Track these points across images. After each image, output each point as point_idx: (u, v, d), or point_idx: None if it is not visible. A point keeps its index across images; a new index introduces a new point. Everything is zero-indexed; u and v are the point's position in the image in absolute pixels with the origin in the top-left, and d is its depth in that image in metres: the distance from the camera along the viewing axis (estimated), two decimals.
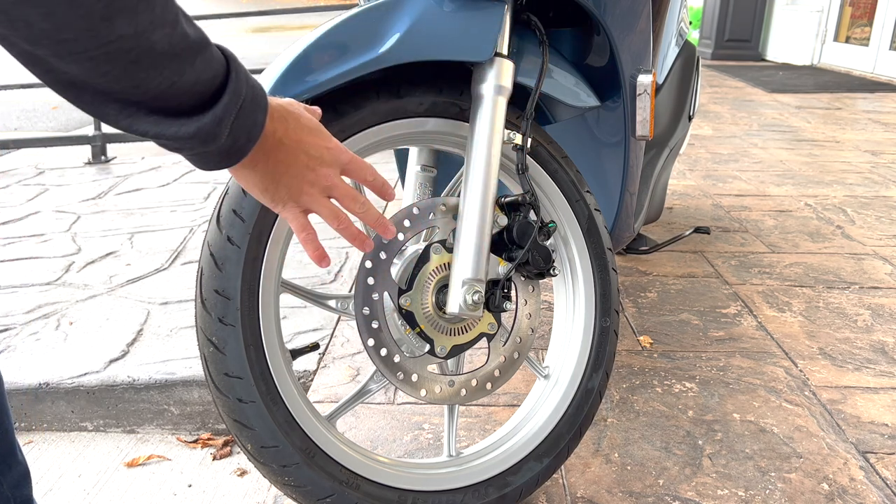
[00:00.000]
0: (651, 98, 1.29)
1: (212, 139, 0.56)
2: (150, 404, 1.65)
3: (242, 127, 0.58)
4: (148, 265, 2.27)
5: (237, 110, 0.57)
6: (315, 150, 0.67)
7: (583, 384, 1.18)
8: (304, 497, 0.97)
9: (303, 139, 0.66)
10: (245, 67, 0.60)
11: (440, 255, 1.04)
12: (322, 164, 0.68)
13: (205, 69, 0.54)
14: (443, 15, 1.02)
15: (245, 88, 0.58)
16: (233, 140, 0.58)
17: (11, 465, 0.87)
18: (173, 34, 0.50)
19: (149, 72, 0.50)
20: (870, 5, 6.55)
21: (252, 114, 0.59)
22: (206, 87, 0.55)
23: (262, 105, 0.61)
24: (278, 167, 0.65)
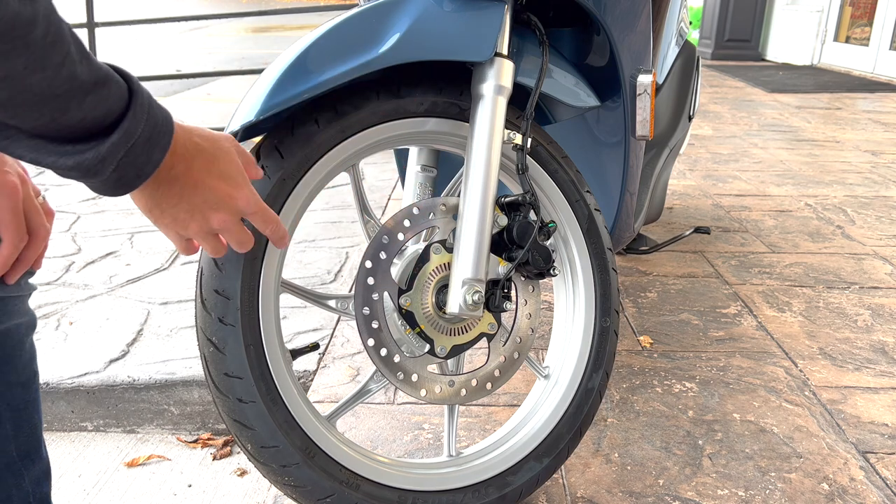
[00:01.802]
0: (651, 98, 1.29)
1: (94, 173, 0.55)
2: (150, 404, 1.65)
3: (132, 164, 0.57)
4: (148, 265, 2.27)
5: (127, 149, 0.56)
6: (217, 196, 0.66)
7: (583, 384, 1.18)
8: (304, 497, 0.97)
9: (205, 182, 0.65)
10: (153, 101, 0.59)
11: (440, 255, 1.04)
12: (219, 210, 0.66)
13: (95, 107, 0.53)
14: (443, 15, 1.02)
15: (142, 127, 0.57)
16: (118, 176, 0.57)
17: (35, 460, 0.87)
18: (56, 77, 0.50)
19: (25, 108, 0.50)
20: (870, 5, 6.55)
21: (146, 152, 0.58)
22: (94, 124, 0.54)
23: (163, 143, 0.59)
24: (167, 199, 0.64)
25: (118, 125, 0.55)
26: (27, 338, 0.83)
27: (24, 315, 0.82)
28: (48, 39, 0.49)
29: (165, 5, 14.87)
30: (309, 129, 0.98)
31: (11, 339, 0.80)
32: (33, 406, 0.85)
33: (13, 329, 0.80)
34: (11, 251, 0.71)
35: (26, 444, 0.85)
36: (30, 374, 0.84)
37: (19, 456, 0.84)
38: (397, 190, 2.99)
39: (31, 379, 0.84)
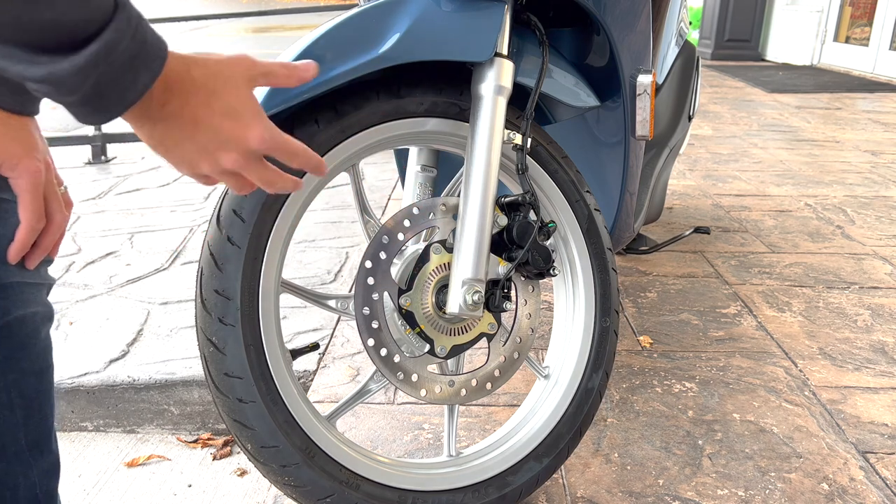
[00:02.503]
0: (651, 98, 1.29)
1: (67, 88, 0.50)
2: (150, 404, 1.65)
3: (114, 83, 0.51)
4: (148, 265, 2.27)
5: (108, 63, 0.50)
6: (223, 135, 0.60)
7: (583, 384, 1.18)
8: (304, 497, 0.97)
9: (207, 120, 0.60)
10: (145, 22, 0.54)
11: (440, 255, 1.04)
12: (228, 150, 0.61)
13: (69, 10, 0.48)
14: (443, 15, 1.02)
15: (127, 41, 0.51)
16: (96, 95, 0.51)
17: (45, 452, 0.86)
18: None
19: None
20: (870, 5, 6.55)
21: (130, 72, 0.52)
22: (69, 29, 0.49)
23: (153, 66, 0.54)
24: (169, 138, 0.59)
25: (98, 36, 0.50)
26: (43, 328, 0.83)
27: (40, 305, 0.82)
28: None
29: (165, 5, 14.88)
30: (309, 129, 0.98)
31: (27, 327, 0.80)
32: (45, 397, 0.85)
33: (29, 317, 0.80)
34: (28, 233, 0.71)
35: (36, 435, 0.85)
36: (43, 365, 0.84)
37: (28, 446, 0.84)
38: (397, 190, 2.99)
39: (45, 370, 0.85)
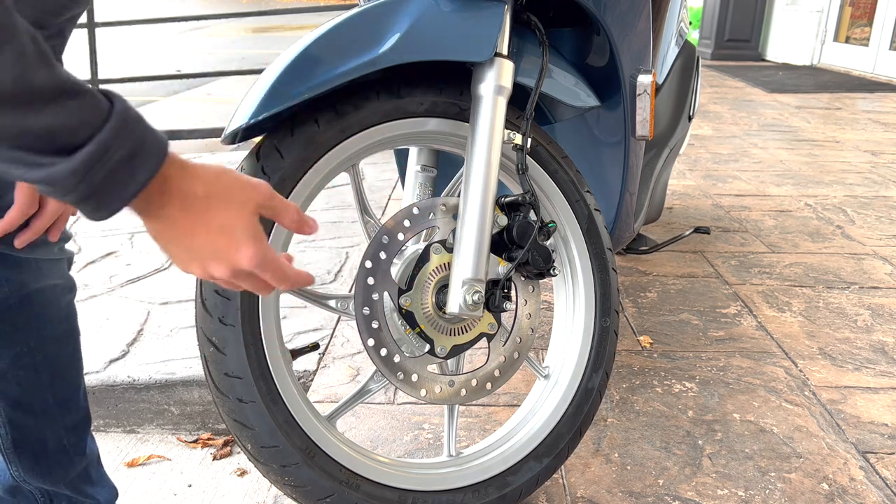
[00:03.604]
0: (651, 98, 1.29)
1: (64, 189, 0.52)
2: (150, 404, 1.65)
3: (108, 183, 0.53)
4: (148, 265, 2.27)
5: (102, 163, 0.52)
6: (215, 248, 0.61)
7: (583, 384, 1.18)
8: (304, 497, 0.97)
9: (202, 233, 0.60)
10: (144, 123, 0.56)
11: (440, 255, 1.04)
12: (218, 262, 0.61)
13: (61, 116, 0.51)
14: (443, 15, 1.02)
15: (119, 143, 0.53)
16: (92, 193, 0.53)
17: (72, 409, 0.94)
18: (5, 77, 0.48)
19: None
20: (870, 5, 6.55)
21: (127, 170, 0.54)
22: (63, 136, 0.51)
23: (149, 164, 0.55)
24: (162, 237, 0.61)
25: (93, 138, 0.52)
26: (63, 299, 0.90)
27: (59, 278, 0.88)
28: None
29: (165, 5, 14.87)
30: (309, 129, 0.98)
31: (45, 297, 0.87)
32: (70, 359, 0.92)
33: (48, 289, 0.86)
34: (18, 216, 0.75)
35: (63, 393, 0.92)
36: (65, 331, 0.91)
37: (56, 403, 0.91)
38: (397, 190, 2.99)
39: (68, 336, 0.92)
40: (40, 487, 0.93)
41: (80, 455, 0.97)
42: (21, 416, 0.89)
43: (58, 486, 0.95)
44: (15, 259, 0.82)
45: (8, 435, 0.89)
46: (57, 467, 0.94)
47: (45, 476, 0.93)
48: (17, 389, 0.88)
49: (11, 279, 0.83)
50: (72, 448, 0.95)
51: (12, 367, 0.87)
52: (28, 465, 0.91)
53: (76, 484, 0.97)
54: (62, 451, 0.94)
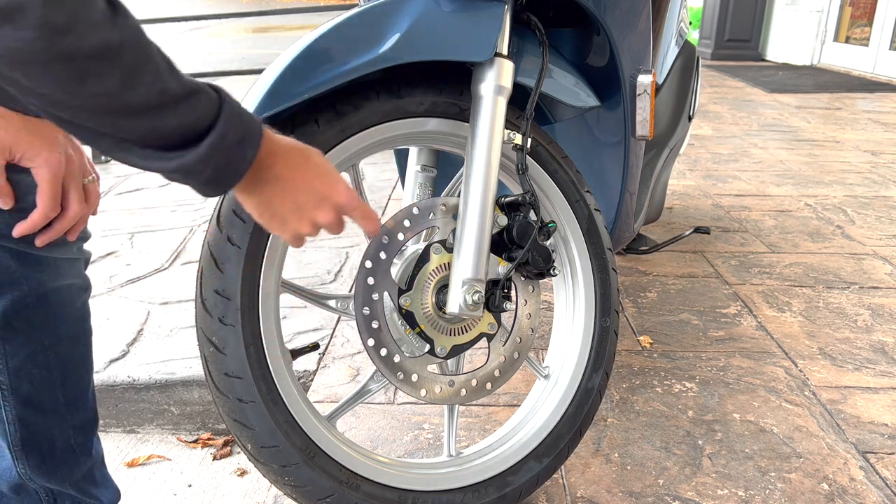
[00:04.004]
0: (651, 98, 1.29)
1: (194, 174, 0.63)
2: (150, 404, 1.65)
3: (228, 164, 0.65)
4: (148, 265, 2.27)
5: (222, 148, 0.63)
6: (317, 192, 0.74)
7: (583, 384, 1.18)
8: (304, 497, 0.97)
9: (305, 179, 0.73)
10: (243, 109, 0.66)
11: (440, 255, 1.04)
12: (321, 207, 0.74)
13: (188, 115, 0.61)
14: (443, 15, 1.02)
15: (233, 129, 0.64)
16: (217, 174, 0.64)
17: (80, 409, 0.95)
18: (148, 93, 0.57)
19: (127, 120, 0.58)
20: (870, 5, 6.55)
21: (240, 150, 0.65)
22: (189, 129, 0.61)
23: (254, 142, 0.67)
24: (274, 199, 0.72)
25: (212, 129, 0.62)
26: (78, 298, 0.92)
27: (76, 277, 0.91)
28: (139, 61, 0.57)
29: (165, 5, 14.88)
30: (309, 129, 0.98)
31: (62, 297, 0.89)
32: (81, 359, 0.94)
33: (64, 288, 0.89)
34: (41, 218, 0.78)
35: (73, 392, 0.94)
36: (79, 331, 0.93)
37: (65, 402, 0.93)
38: (397, 190, 2.99)
39: (81, 335, 0.94)
40: (45, 486, 0.94)
41: (86, 455, 0.98)
42: (31, 413, 0.90)
43: (63, 486, 0.95)
44: (34, 257, 0.84)
45: (17, 432, 0.90)
46: (63, 466, 0.94)
47: (51, 475, 0.93)
48: (28, 387, 0.89)
49: (30, 277, 0.85)
50: (79, 448, 0.96)
51: (26, 365, 0.88)
52: (35, 463, 0.92)
53: (81, 484, 0.98)
54: (69, 451, 0.95)
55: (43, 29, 0.51)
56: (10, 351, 0.86)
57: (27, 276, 0.84)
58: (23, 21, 0.50)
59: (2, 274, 0.83)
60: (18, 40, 0.51)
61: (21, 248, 0.82)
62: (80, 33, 0.53)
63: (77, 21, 0.52)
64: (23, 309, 0.85)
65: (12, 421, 0.89)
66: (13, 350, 0.86)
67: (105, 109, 0.56)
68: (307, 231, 0.75)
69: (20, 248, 0.82)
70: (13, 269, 0.83)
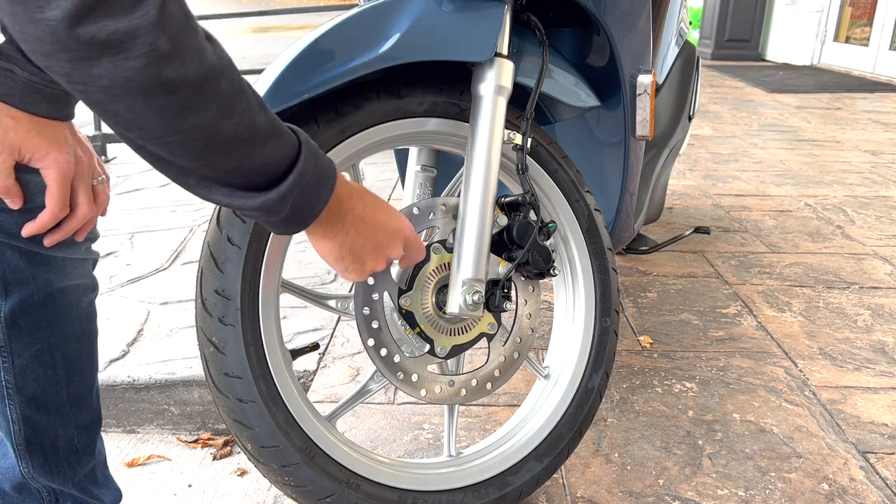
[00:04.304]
0: (651, 98, 1.29)
1: (275, 212, 0.64)
2: (150, 404, 1.65)
3: (305, 203, 0.67)
4: (148, 265, 2.27)
5: (301, 188, 0.65)
6: (390, 229, 0.77)
7: (583, 384, 1.18)
8: (304, 497, 0.97)
9: (378, 218, 0.76)
10: (316, 147, 0.68)
11: (440, 255, 1.04)
12: (394, 243, 0.78)
13: (273, 153, 0.62)
14: (443, 15, 1.02)
15: (312, 169, 0.66)
16: (294, 213, 0.66)
17: (84, 408, 0.96)
18: (241, 123, 0.58)
19: (218, 155, 0.59)
20: (870, 5, 6.55)
21: (316, 191, 0.67)
22: (273, 168, 0.63)
23: (329, 184, 0.69)
24: (357, 240, 0.75)
25: (292, 169, 0.64)
26: (85, 298, 0.93)
27: (83, 277, 0.92)
28: (234, 89, 0.58)
29: None
30: (309, 129, 0.98)
31: (68, 297, 0.89)
32: (87, 359, 0.95)
33: (71, 288, 0.89)
34: (50, 218, 0.79)
35: (77, 392, 0.94)
36: (85, 331, 0.94)
37: (70, 401, 0.93)
38: (397, 190, 2.99)
39: (87, 335, 0.94)
40: (47, 486, 0.94)
41: (88, 455, 0.98)
42: (35, 412, 0.90)
43: (65, 486, 0.95)
44: (42, 257, 0.85)
45: (21, 431, 0.90)
46: (66, 466, 0.95)
47: (54, 474, 0.94)
48: (34, 386, 0.89)
49: (38, 277, 0.85)
50: (82, 448, 0.96)
51: (31, 364, 0.88)
52: (38, 462, 0.92)
53: (83, 484, 0.98)
54: (72, 451, 0.95)
55: (151, 56, 0.50)
56: (16, 350, 0.87)
57: (35, 276, 0.85)
58: (134, 49, 0.49)
59: (10, 273, 0.83)
60: (127, 70, 0.50)
61: (29, 247, 0.83)
62: (185, 60, 0.52)
63: (182, 47, 0.52)
64: (30, 308, 0.86)
65: (17, 419, 0.89)
66: (19, 349, 0.87)
67: (201, 143, 0.57)
68: (381, 268, 0.78)
69: (29, 248, 0.83)
70: (21, 268, 0.84)
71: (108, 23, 0.48)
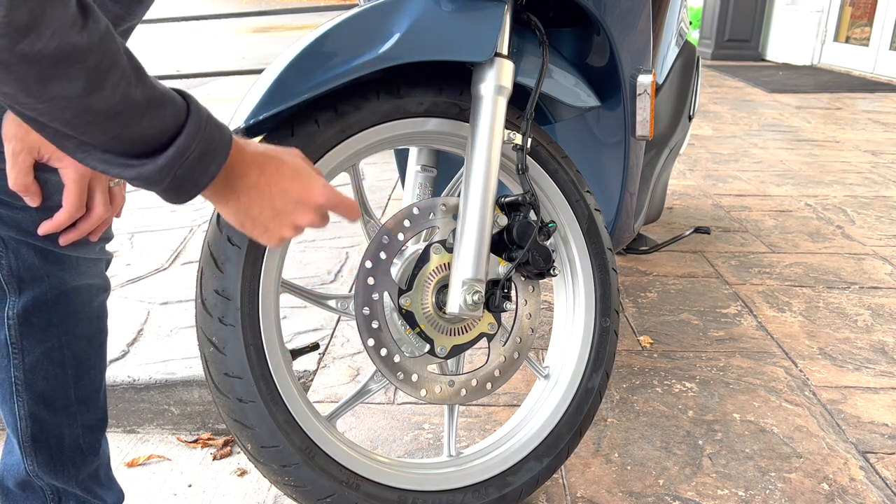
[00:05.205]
0: (651, 98, 1.29)
1: (154, 182, 0.62)
2: (150, 404, 1.65)
3: (189, 175, 0.64)
4: (148, 265, 2.27)
5: (182, 161, 0.62)
6: (294, 195, 0.73)
7: (583, 384, 1.18)
8: (304, 497, 0.97)
9: (280, 184, 0.72)
10: (211, 120, 0.65)
11: (440, 255, 1.04)
12: (300, 209, 0.73)
13: (151, 125, 0.60)
14: (443, 15, 1.02)
15: (196, 143, 0.63)
16: (177, 184, 0.64)
17: (91, 408, 0.97)
18: (112, 97, 0.57)
19: (90, 126, 0.57)
20: (870, 5, 6.55)
21: (201, 165, 0.64)
22: (151, 140, 0.61)
23: (219, 157, 0.66)
24: (252, 208, 0.71)
25: (173, 141, 0.62)
26: (97, 298, 0.94)
27: (96, 277, 0.92)
28: (104, 65, 0.56)
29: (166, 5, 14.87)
30: (309, 129, 0.98)
31: (81, 296, 0.90)
32: (96, 359, 0.96)
33: (84, 288, 0.90)
34: (66, 218, 0.80)
35: (85, 391, 0.95)
36: (95, 331, 0.95)
37: (77, 400, 0.94)
38: (397, 190, 2.99)
39: (97, 335, 0.95)
40: (51, 484, 0.94)
41: (93, 455, 0.98)
42: (43, 410, 0.91)
43: (69, 485, 0.96)
44: (57, 255, 0.85)
45: (28, 428, 0.90)
46: (70, 465, 0.95)
47: (58, 473, 0.94)
48: (43, 384, 0.90)
49: (52, 275, 0.86)
50: (87, 447, 0.97)
51: (41, 362, 0.89)
52: (43, 460, 0.93)
53: (86, 484, 0.98)
54: (77, 450, 0.96)
55: (6, 28, 0.50)
56: (27, 346, 0.88)
57: (49, 274, 0.86)
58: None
59: (25, 270, 0.84)
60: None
61: (45, 245, 0.84)
62: (44, 34, 0.52)
63: (42, 22, 0.51)
64: (43, 305, 0.87)
65: (24, 416, 0.90)
66: (30, 346, 0.88)
67: (68, 112, 0.56)
68: (290, 234, 0.74)
69: (44, 246, 0.84)
70: (36, 265, 0.85)
71: None
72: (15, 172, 0.76)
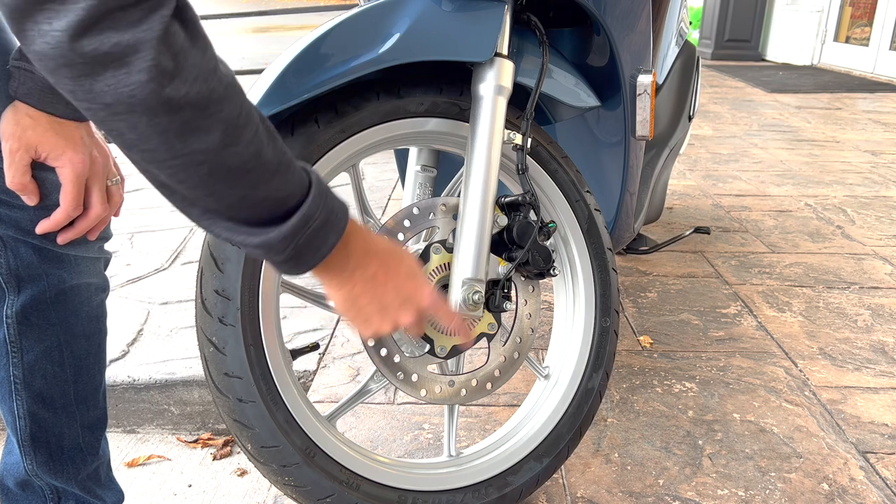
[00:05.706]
0: (651, 98, 1.29)
1: (276, 251, 0.62)
2: (150, 404, 1.65)
3: (310, 245, 0.64)
4: (148, 265, 2.27)
5: (305, 230, 0.62)
6: (404, 294, 0.73)
7: (583, 384, 1.18)
8: (304, 497, 0.97)
9: (395, 281, 0.73)
10: (330, 192, 0.66)
11: (440, 255, 1.04)
12: (406, 308, 0.74)
13: (279, 188, 0.60)
14: (443, 15, 1.01)
15: (319, 211, 0.63)
16: (297, 255, 0.64)
17: (91, 407, 0.97)
18: (245, 153, 0.57)
19: (221, 184, 0.57)
20: (870, 5, 6.55)
21: (322, 235, 0.64)
22: (277, 205, 0.61)
23: (338, 228, 0.66)
24: (363, 297, 0.72)
25: (298, 209, 0.62)
26: (96, 297, 0.94)
27: (94, 276, 0.93)
28: (240, 117, 0.56)
29: None
30: (309, 129, 0.98)
31: (80, 295, 0.90)
32: (95, 358, 0.96)
33: (83, 287, 0.90)
34: (64, 217, 0.80)
35: (84, 391, 0.95)
36: (94, 330, 0.95)
37: (77, 400, 0.94)
38: (397, 190, 2.99)
39: (96, 334, 0.96)
40: (51, 484, 0.94)
41: (93, 455, 0.98)
42: (42, 409, 0.91)
43: (68, 484, 0.96)
44: (55, 254, 0.86)
45: (27, 427, 0.90)
46: (70, 465, 0.95)
47: (58, 472, 0.94)
48: (42, 383, 0.90)
49: (51, 273, 0.86)
50: (87, 447, 0.97)
51: (40, 361, 0.89)
52: (42, 459, 0.93)
53: (86, 483, 0.98)
54: (77, 449, 0.96)
55: (153, 72, 0.49)
56: (26, 345, 0.88)
57: (48, 273, 0.86)
58: (136, 63, 0.49)
59: (23, 269, 0.84)
60: (129, 85, 0.49)
61: (43, 244, 0.84)
62: (188, 79, 0.51)
63: (186, 65, 0.51)
64: (41, 304, 0.87)
65: (23, 416, 0.90)
66: (29, 345, 0.88)
67: (203, 169, 0.55)
68: (387, 330, 0.74)
69: (42, 245, 0.84)
70: (35, 264, 0.85)
71: (111, 35, 0.48)
72: (12, 171, 0.76)
